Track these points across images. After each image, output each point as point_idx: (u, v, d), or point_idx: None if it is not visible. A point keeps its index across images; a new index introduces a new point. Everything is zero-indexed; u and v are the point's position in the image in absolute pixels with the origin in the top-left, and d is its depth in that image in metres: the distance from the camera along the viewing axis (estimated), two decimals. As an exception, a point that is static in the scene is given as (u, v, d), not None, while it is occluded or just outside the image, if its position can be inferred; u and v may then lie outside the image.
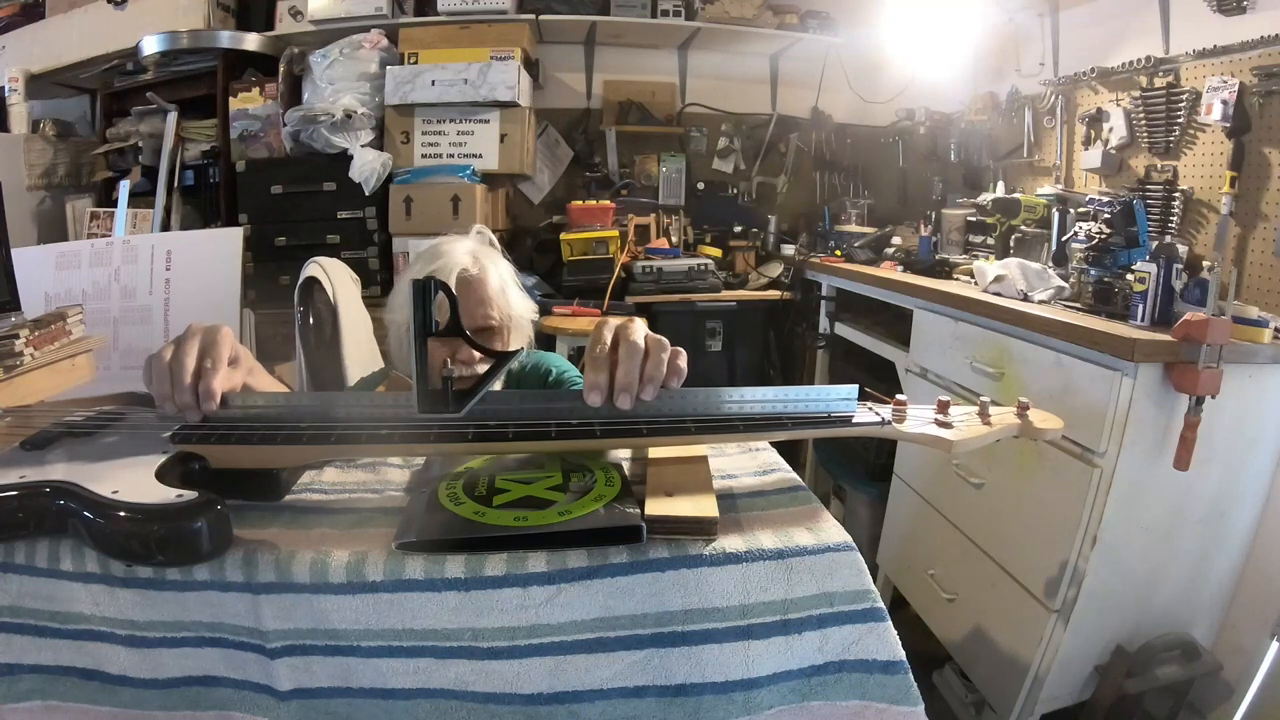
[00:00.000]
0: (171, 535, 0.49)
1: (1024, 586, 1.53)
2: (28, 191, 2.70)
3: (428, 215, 2.52)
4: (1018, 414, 0.64)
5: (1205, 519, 1.48)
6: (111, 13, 2.70)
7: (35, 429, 0.61)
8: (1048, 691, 1.50)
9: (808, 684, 0.54)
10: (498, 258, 1.13)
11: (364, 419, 0.60)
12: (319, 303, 1.64)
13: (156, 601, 0.52)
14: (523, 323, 1.14)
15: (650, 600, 0.51)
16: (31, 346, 1.37)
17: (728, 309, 2.74)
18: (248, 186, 2.61)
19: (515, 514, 0.54)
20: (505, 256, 1.15)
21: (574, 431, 0.59)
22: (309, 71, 2.62)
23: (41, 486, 0.52)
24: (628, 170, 3.10)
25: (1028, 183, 2.31)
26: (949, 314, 1.85)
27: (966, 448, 0.60)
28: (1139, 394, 1.34)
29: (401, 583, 0.50)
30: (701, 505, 0.55)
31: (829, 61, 3.08)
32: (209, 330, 0.61)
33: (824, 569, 0.53)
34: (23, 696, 0.54)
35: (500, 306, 1.08)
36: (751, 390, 0.61)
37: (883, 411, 0.62)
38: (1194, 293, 1.47)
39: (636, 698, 0.52)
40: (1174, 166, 1.79)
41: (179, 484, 0.52)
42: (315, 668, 0.52)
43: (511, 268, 1.15)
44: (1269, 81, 1.55)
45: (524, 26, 2.67)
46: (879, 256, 2.56)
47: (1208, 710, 1.57)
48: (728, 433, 0.61)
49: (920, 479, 1.96)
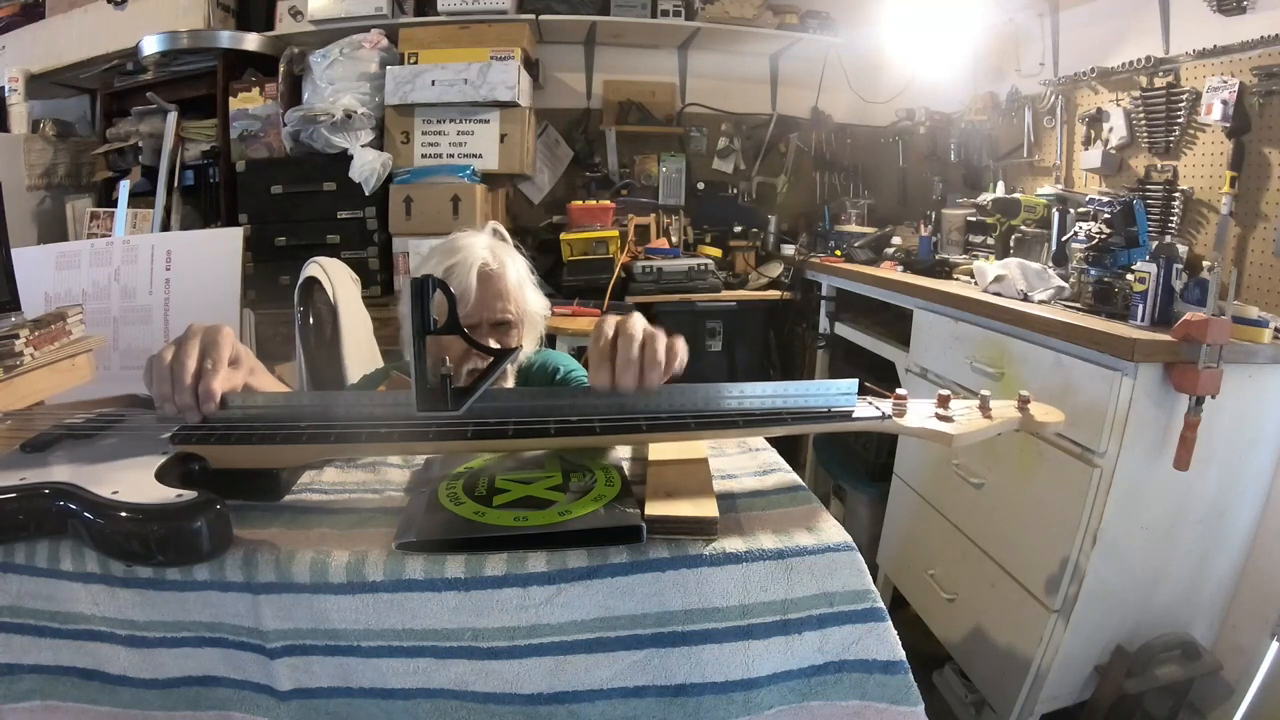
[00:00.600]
0: (171, 535, 0.49)
1: (1024, 586, 1.53)
2: (28, 191, 2.69)
3: (428, 215, 2.52)
4: (1018, 407, 0.64)
5: (1205, 519, 1.48)
6: (111, 13, 2.70)
7: (35, 431, 0.61)
8: (1048, 691, 1.50)
9: (808, 684, 0.54)
10: (514, 254, 1.13)
11: (363, 418, 0.60)
12: (319, 303, 1.64)
13: (156, 601, 0.52)
14: (536, 320, 1.14)
15: (650, 600, 0.51)
16: (31, 346, 1.37)
17: (728, 309, 2.74)
18: (248, 186, 2.60)
19: (515, 514, 0.54)
20: (522, 253, 1.16)
21: (573, 428, 0.59)
22: (309, 71, 2.62)
23: (41, 488, 0.52)
24: (628, 170, 3.10)
25: (1028, 183, 2.31)
26: (949, 314, 1.85)
27: (967, 441, 0.59)
28: (1139, 394, 1.34)
29: (401, 583, 0.50)
30: (701, 506, 0.55)
31: (829, 61, 3.08)
32: (210, 331, 0.61)
33: (824, 569, 0.53)
34: (23, 696, 0.54)
35: (517, 301, 1.09)
36: (751, 385, 0.61)
37: (883, 406, 0.62)
38: (1194, 293, 1.47)
39: (636, 698, 0.52)
40: (1174, 166, 1.79)
41: (179, 484, 0.52)
42: (315, 668, 0.52)
43: (528, 264, 1.15)
44: (1269, 81, 1.55)
45: (524, 26, 2.67)
46: (879, 256, 2.56)
47: (1208, 710, 1.57)
48: (728, 428, 0.60)
49: (920, 479, 1.96)
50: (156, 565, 0.51)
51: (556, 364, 1.24)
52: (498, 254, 1.09)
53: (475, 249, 1.07)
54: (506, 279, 1.08)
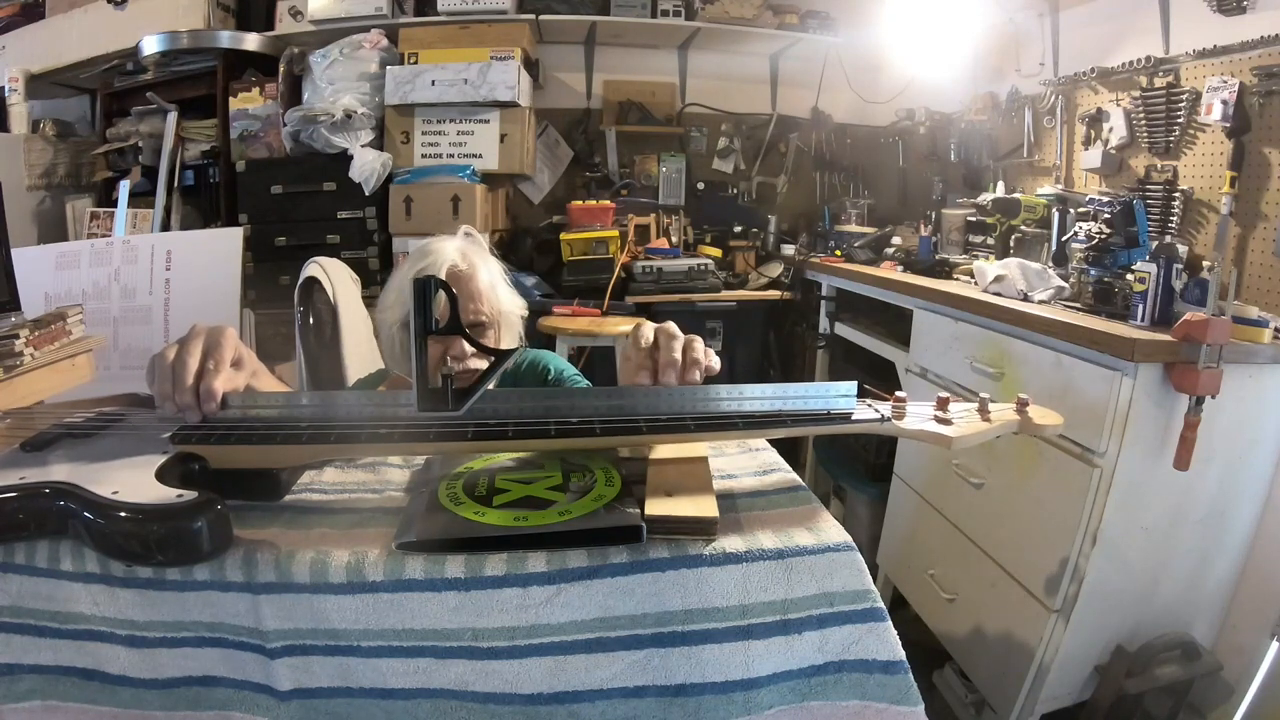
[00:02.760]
0: (171, 535, 0.49)
1: (1024, 586, 1.53)
2: (28, 191, 2.69)
3: (428, 215, 2.52)
4: (1017, 410, 0.64)
5: (1205, 519, 1.48)
6: (111, 13, 2.70)
7: (35, 430, 0.61)
8: (1048, 691, 1.50)
9: (808, 684, 0.54)
10: (486, 255, 1.14)
11: (363, 418, 0.60)
12: (319, 303, 1.64)
13: (156, 601, 0.52)
14: (513, 319, 1.14)
15: (650, 600, 0.51)
16: (31, 346, 1.37)
17: (728, 309, 2.74)
18: (248, 186, 2.60)
19: (515, 514, 0.54)
20: (494, 254, 1.16)
21: (574, 429, 0.59)
22: (309, 71, 2.62)
23: (41, 488, 0.51)
24: (628, 170, 3.10)
25: (1028, 183, 2.31)
26: (949, 314, 1.85)
27: (966, 444, 0.60)
28: (1139, 394, 1.34)
29: (401, 583, 0.50)
30: (701, 505, 0.55)
31: (829, 61, 3.08)
32: (213, 331, 0.61)
33: (824, 569, 0.53)
34: (23, 696, 0.54)
35: (490, 302, 1.09)
36: (750, 387, 0.61)
37: (882, 408, 0.62)
38: (1194, 293, 1.47)
39: (636, 698, 0.52)
40: (1174, 166, 1.79)
41: (179, 484, 0.52)
42: (315, 668, 0.52)
43: (500, 265, 1.15)
44: (1269, 81, 1.54)
45: (524, 26, 2.67)
46: (879, 256, 2.56)
47: (1208, 710, 1.57)
48: (727, 430, 0.60)
49: (920, 479, 1.96)
50: (156, 565, 0.51)
51: (547, 364, 1.24)
52: (467, 256, 1.09)
53: (445, 252, 1.07)
54: (477, 280, 1.08)
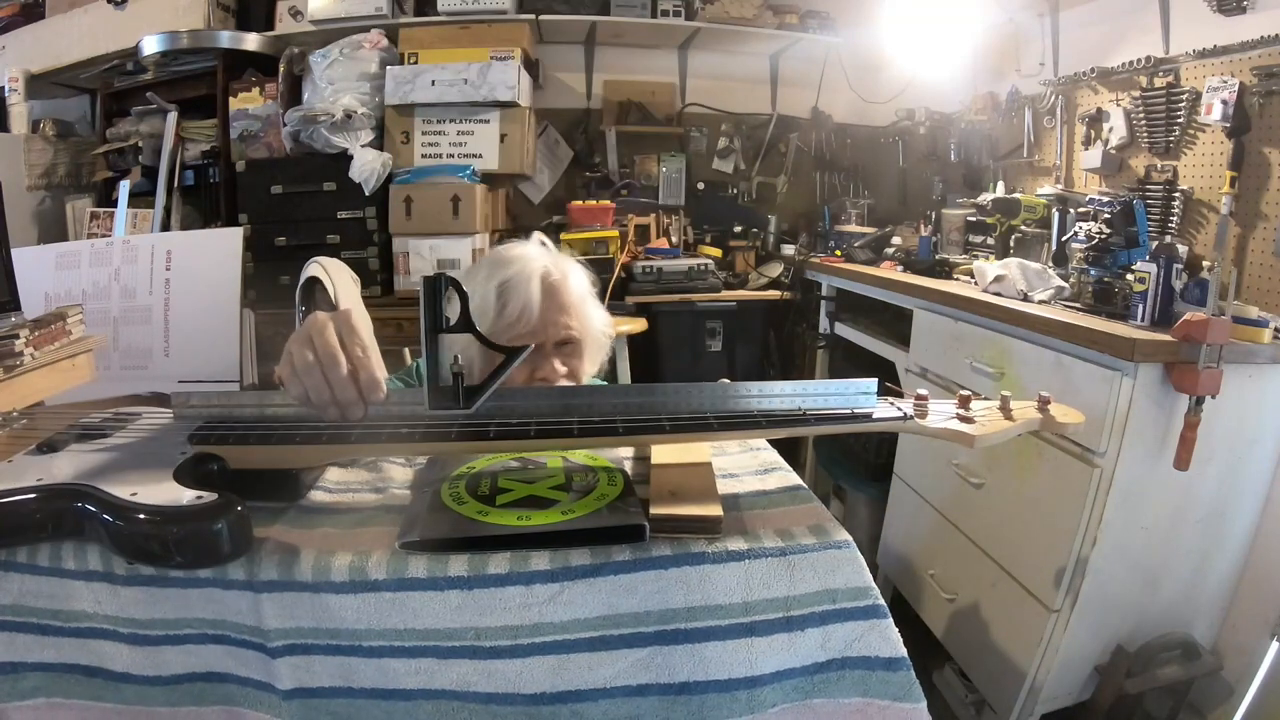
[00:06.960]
0: (190, 537, 0.48)
1: (1024, 586, 1.53)
2: (28, 191, 2.69)
3: (428, 215, 2.52)
4: (1039, 408, 0.63)
5: (1205, 519, 1.48)
6: (111, 13, 2.70)
7: (50, 431, 0.61)
8: (1048, 691, 1.50)
9: (811, 681, 0.54)
10: (574, 264, 0.99)
11: (382, 417, 0.59)
12: (320, 303, 1.63)
13: (158, 599, 0.52)
14: (601, 341, 0.99)
15: (653, 598, 0.51)
16: (31, 346, 1.37)
17: (728, 309, 2.74)
18: (248, 186, 2.60)
19: (518, 513, 0.54)
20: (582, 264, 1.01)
21: (596, 428, 0.58)
22: (309, 71, 2.62)
23: (59, 489, 0.51)
24: (628, 170, 3.10)
25: (1028, 183, 2.31)
26: (949, 314, 1.86)
27: (988, 442, 0.59)
28: (1139, 394, 1.34)
29: (404, 582, 0.50)
30: (706, 505, 0.55)
31: (829, 61, 3.08)
32: (337, 317, 0.54)
33: (826, 566, 0.53)
34: (27, 694, 0.54)
35: (580, 318, 0.95)
36: (772, 385, 0.60)
37: (905, 407, 0.61)
38: (1194, 293, 1.47)
39: (640, 696, 0.52)
40: (1174, 166, 1.79)
41: (197, 485, 0.51)
42: (317, 667, 0.52)
43: (590, 277, 1.01)
44: (1269, 81, 1.55)
45: (524, 26, 2.66)
46: (879, 256, 2.56)
47: (1208, 710, 1.57)
48: (750, 429, 0.59)
49: (920, 479, 1.96)
50: (176, 567, 0.50)
51: None
52: (559, 263, 0.96)
53: (533, 258, 0.94)
54: (570, 290, 0.94)
